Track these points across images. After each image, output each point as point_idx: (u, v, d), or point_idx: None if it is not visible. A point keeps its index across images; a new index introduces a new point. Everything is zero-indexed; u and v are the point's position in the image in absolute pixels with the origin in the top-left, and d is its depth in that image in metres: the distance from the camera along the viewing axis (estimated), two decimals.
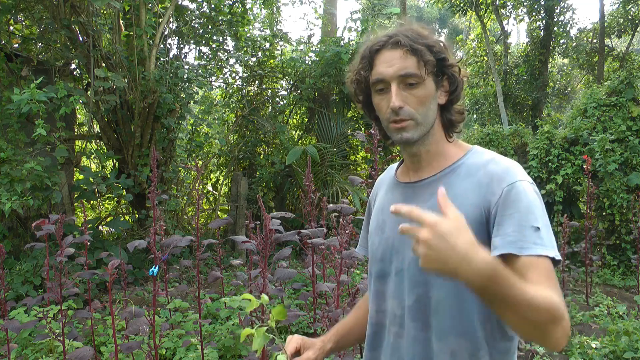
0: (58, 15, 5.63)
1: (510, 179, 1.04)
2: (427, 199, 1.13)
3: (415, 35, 1.09)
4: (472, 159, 1.13)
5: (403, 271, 1.14)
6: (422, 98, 1.09)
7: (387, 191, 1.27)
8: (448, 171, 1.14)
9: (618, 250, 6.40)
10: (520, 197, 1.01)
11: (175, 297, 4.86)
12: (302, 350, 1.22)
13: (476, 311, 1.06)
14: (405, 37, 1.08)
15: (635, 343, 3.57)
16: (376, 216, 1.27)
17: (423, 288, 1.09)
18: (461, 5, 12.83)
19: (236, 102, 8.94)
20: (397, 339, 1.16)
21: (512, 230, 0.99)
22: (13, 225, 5.88)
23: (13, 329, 2.79)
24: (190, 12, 7.50)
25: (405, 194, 1.19)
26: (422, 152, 1.16)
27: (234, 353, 3.57)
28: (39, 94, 4.54)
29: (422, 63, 1.06)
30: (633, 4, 12.06)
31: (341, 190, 7.16)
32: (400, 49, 1.07)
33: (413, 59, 1.07)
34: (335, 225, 3.05)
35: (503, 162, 1.09)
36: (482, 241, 1.04)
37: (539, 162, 6.80)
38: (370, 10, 8.56)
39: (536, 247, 0.97)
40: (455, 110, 1.16)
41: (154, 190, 2.81)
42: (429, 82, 1.09)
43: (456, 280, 0.90)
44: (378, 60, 1.11)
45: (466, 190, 1.08)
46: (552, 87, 13.94)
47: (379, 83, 1.11)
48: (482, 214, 1.05)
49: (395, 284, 1.15)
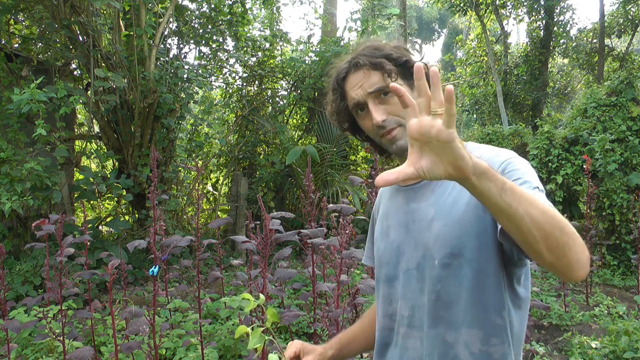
0: (58, 15, 5.63)
1: (503, 158, 1.06)
2: (429, 197, 1.14)
3: (371, 51, 1.14)
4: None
5: (410, 270, 1.14)
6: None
7: (389, 198, 1.28)
8: None
9: (618, 250, 6.40)
10: (516, 168, 1.02)
11: (175, 297, 4.86)
12: (301, 355, 1.22)
13: (491, 300, 1.05)
14: (363, 56, 1.14)
15: (635, 343, 3.57)
16: (380, 223, 1.28)
17: (433, 283, 1.09)
18: (461, 5, 12.83)
19: (236, 102, 8.95)
20: (406, 339, 1.15)
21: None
22: (13, 225, 5.88)
23: (13, 329, 2.79)
24: (190, 12, 7.50)
25: (408, 197, 1.20)
26: None
27: (234, 353, 3.57)
28: (39, 94, 4.54)
29: (385, 74, 1.11)
30: (633, 4, 12.06)
31: (341, 190, 7.16)
32: (362, 69, 1.13)
33: (376, 73, 1.12)
34: (335, 225, 3.05)
35: (492, 148, 1.12)
36: (481, 233, 1.04)
37: (539, 162, 6.80)
38: (370, 10, 8.56)
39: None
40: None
41: (154, 190, 2.81)
42: (401, 86, 1.09)
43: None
44: (347, 86, 1.17)
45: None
46: (552, 87, 13.95)
47: (357, 106, 1.16)
48: (479, 204, 1.03)
49: (403, 284, 1.15)
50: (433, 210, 1.11)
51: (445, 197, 1.10)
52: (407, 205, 1.19)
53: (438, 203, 1.11)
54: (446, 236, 1.07)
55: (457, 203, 1.08)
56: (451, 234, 1.07)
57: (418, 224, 1.14)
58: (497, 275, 1.05)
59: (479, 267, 1.06)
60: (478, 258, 1.06)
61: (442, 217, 1.09)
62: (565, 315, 4.44)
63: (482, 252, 1.05)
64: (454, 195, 1.09)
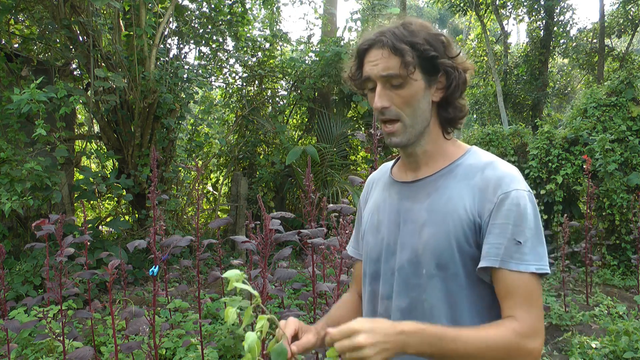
0: (58, 15, 5.63)
1: (506, 188, 1.03)
2: (423, 200, 1.12)
3: (403, 32, 1.06)
4: (470, 160, 1.12)
5: (396, 273, 1.13)
6: (408, 98, 1.07)
7: (382, 190, 1.25)
8: (445, 171, 1.12)
9: (618, 250, 6.39)
10: (512, 208, 1.01)
11: (175, 297, 4.86)
12: (299, 334, 1.19)
13: (467, 314, 1.06)
14: (393, 35, 1.06)
15: (635, 343, 3.57)
16: (371, 215, 1.25)
17: (417, 291, 1.09)
18: (461, 5, 12.84)
19: (236, 102, 8.94)
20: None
21: (495, 242, 1.01)
22: (13, 225, 5.87)
23: (13, 329, 2.79)
24: (190, 12, 7.50)
25: (402, 193, 1.18)
26: (419, 152, 1.14)
27: (234, 353, 3.57)
28: (39, 94, 4.54)
29: (404, 63, 1.04)
30: (633, 4, 12.06)
31: (341, 190, 7.16)
32: (384, 48, 1.06)
33: (396, 59, 1.05)
34: (335, 225, 3.05)
35: (501, 167, 1.07)
36: (466, 247, 1.05)
37: (539, 162, 6.80)
38: (370, 10, 8.57)
39: (513, 262, 0.99)
40: (454, 106, 1.13)
41: (154, 190, 2.81)
42: (415, 81, 1.06)
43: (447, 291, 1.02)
44: (366, 59, 1.11)
45: (461, 192, 1.07)
46: (552, 87, 13.95)
47: (368, 82, 1.11)
48: (474, 220, 1.04)
49: (388, 285, 1.14)
50: (426, 216, 1.10)
51: (439, 206, 1.08)
52: (400, 202, 1.17)
53: (432, 209, 1.09)
54: (435, 246, 1.06)
55: (450, 216, 1.06)
56: (440, 245, 1.06)
57: (409, 226, 1.12)
58: (477, 294, 1.07)
59: (462, 283, 1.06)
60: (464, 274, 1.06)
61: (433, 226, 1.08)
62: (565, 315, 4.44)
63: (467, 269, 1.06)
64: (449, 208, 1.07)
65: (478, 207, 1.04)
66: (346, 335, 0.90)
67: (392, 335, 0.90)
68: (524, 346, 0.95)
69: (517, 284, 0.99)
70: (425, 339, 0.92)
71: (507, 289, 1.00)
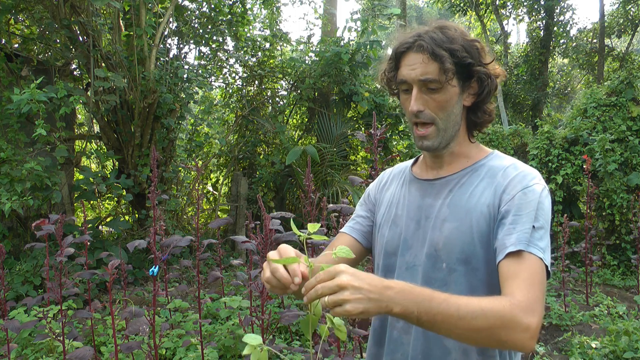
0: (58, 15, 5.63)
1: (527, 183, 1.06)
2: (445, 196, 1.14)
3: (441, 38, 1.08)
4: (493, 162, 1.16)
5: (416, 267, 1.14)
6: (443, 103, 1.10)
7: (401, 186, 1.27)
8: (468, 170, 1.15)
9: (618, 250, 6.40)
10: (533, 198, 1.04)
11: (175, 297, 4.86)
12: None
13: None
14: (431, 39, 1.08)
15: (635, 343, 3.57)
16: (388, 208, 1.26)
17: (437, 285, 1.09)
18: (461, 5, 12.85)
19: (236, 102, 8.94)
20: (403, 334, 1.15)
21: (523, 229, 1.01)
22: (13, 225, 5.87)
23: (13, 329, 2.79)
24: (190, 12, 7.50)
25: (423, 189, 1.20)
26: (445, 154, 1.18)
27: (234, 353, 3.57)
28: (39, 94, 4.54)
29: (442, 70, 1.07)
30: (633, 4, 12.07)
31: (341, 190, 7.16)
32: (423, 53, 1.08)
33: (435, 64, 1.07)
34: (335, 225, 3.05)
35: (523, 167, 1.11)
36: (488, 242, 1.06)
37: (539, 162, 6.80)
38: (370, 10, 8.55)
39: (523, 244, 0.99)
40: (483, 111, 1.17)
41: (154, 190, 2.81)
42: (451, 86, 1.10)
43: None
44: (403, 62, 1.13)
45: (484, 189, 1.10)
46: (552, 87, 13.95)
47: (403, 84, 1.13)
48: (495, 216, 1.06)
49: (405, 279, 1.13)
50: (447, 211, 1.12)
51: (462, 201, 1.11)
52: (422, 199, 1.19)
53: (454, 205, 1.12)
54: (456, 240, 1.08)
55: (472, 211, 1.09)
56: (461, 239, 1.08)
57: (430, 221, 1.14)
58: (496, 289, 1.05)
59: (483, 278, 1.07)
60: (485, 268, 1.07)
61: (455, 220, 1.09)
62: (565, 315, 4.44)
63: (489, 264, 1.07)
64: (472, 204, 1.09)
65: (499, 202, 1.07)
66: (331, 276, 0.86)
67: (378, 287, 0.86)
68: (520, 319, 0.90)
69: (523, 266, 0.98)
70: (413, 297, 0.88)
71: (510, 272, 0.98)
